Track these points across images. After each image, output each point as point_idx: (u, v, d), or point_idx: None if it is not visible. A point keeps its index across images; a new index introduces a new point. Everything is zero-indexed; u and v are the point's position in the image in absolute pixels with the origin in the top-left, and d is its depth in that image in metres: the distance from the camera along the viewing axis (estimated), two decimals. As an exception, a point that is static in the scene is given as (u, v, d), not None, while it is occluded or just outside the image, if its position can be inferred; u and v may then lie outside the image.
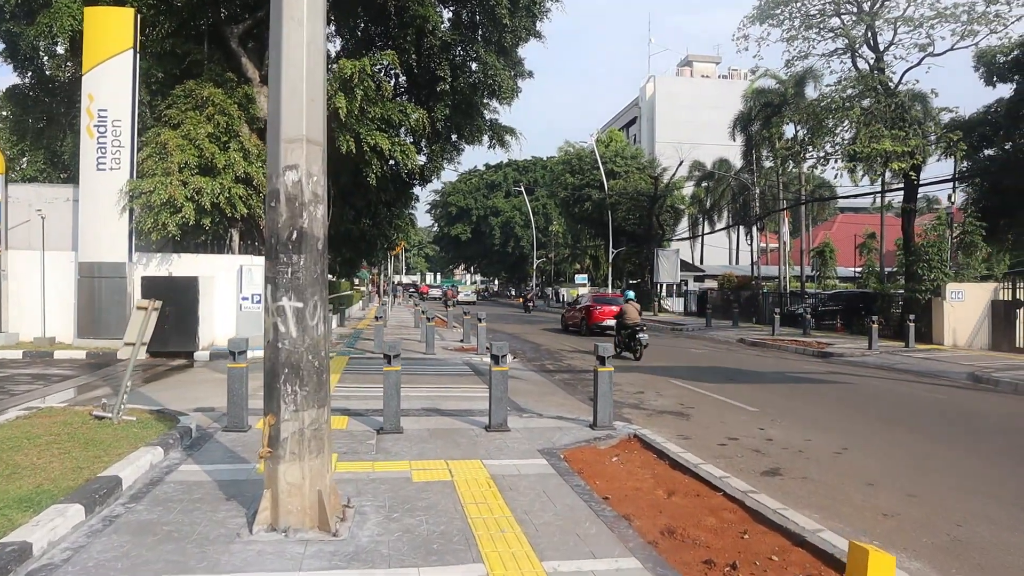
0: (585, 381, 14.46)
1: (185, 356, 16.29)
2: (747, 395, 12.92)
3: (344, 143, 17.88)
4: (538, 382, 14.02)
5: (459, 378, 13.60)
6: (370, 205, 24.90)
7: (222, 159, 16.91)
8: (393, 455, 7.35)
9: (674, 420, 10.52)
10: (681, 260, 49.50)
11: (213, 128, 17.33)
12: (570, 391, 13.06)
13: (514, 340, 24.59)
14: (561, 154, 57.12)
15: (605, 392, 8.84)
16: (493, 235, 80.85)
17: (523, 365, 17.02)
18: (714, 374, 16.18)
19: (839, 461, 8.16)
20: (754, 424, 10.22)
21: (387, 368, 8.35)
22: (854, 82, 24.53)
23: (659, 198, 47.82)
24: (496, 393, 8.59)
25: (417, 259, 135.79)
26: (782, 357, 20.77)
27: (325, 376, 5.25)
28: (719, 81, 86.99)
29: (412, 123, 18.81)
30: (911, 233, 25.70)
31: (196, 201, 16.61)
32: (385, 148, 18.15)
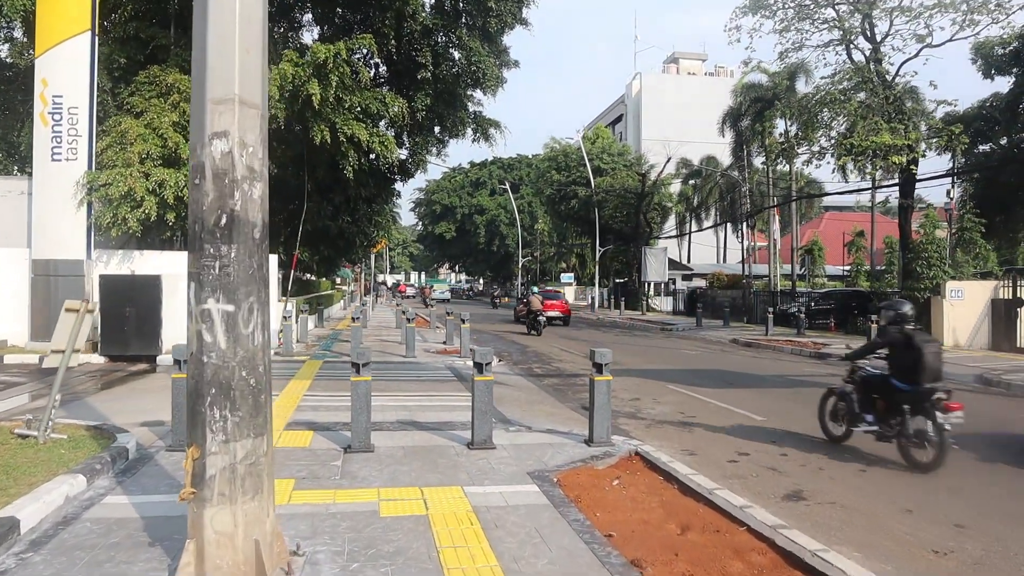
0: (576, 387, 13.51)
1: (147, 360, 15.18)
2: (750, 401, 12.01)
3: (319, 133, 16.83)
4: (525, 388, 13.04)
5: (440, 384, 12.60)
6: (349, 200, 23.81)
7: (187, 150, 15.78)
8: (360, 480, 6.34)
9: (676, 432, 9.57)
10: (669, 259, 48.73)
11: (178, 116, 16.22)
12: (560, 398, 12.09)
13: (499, 341, 23.60)
14: (547, 151, 56.18)
15: (603, 404, 7.88)
16: (478, 234, 79.79)
17: (509, 369, 16.04)
18: (711, 378, 15.27)
19: (865, 481, 7.24)
20: (764, 437, 9.29)
21: (356, 378, 7.33)
22: (850, 74, 23.74)
23: (647, 195, 47.01)
24: (480, 406, 7.60)
25: (401, 258, 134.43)
26: (778, 358, 19.91)
27: (265, 397, 4.22)
28: (706, 79, 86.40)
29: (392, 113, 17.78)
30: (908, 230, 24.95)
31: (158, 194, 15.50)
32: (363, 139, 17.12)
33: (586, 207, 49.92)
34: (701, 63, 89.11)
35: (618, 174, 50.18)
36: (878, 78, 23.58)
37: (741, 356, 20.58)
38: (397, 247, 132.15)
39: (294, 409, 9.74)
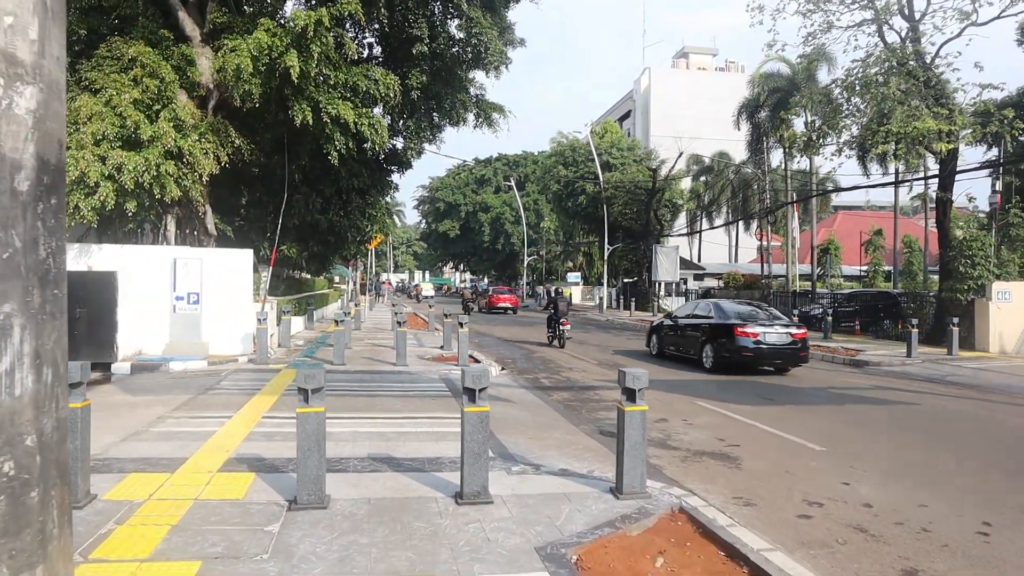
0: (591, 403, 11.58)
1: (101, 369, 13.30)
2: (797, 422, 10.08)
3: (299, 112, 14.93)
4: (532, 405, 11.10)
5: (431, 401, 10.67)
6: (340, 192, 21.92)
7: (148, 130, 13.92)
8: (295, 566, 4.42)
9: (721, 468, 7.63)
10: (680, 258, 46.78)
11: (140, 93, 14.34)
12: (574, 419, 10.16)
13: (503, 346, 21.69)
14: (554, 145, 54.17)
15: (635, 442, 5.95)
16: (482, 231, 77.91)
17: (513, 379, 14.12)
18: (744, 391, 13.33)
19: (996, 552, 5.30)
20: (833, 475, 7.36)
21: (303, 409, 5.42)
22: (886, 55, 21.71)
23: (658, 191, 45.01)
24: (472, 446, 5.69)
25: (405, 257, 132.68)
26: (812, 367, 17.92)
27: (39, 495, 2.27)
28: (716, 74, 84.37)
29: (381, 91, 15.86)
30: (948, 225, 22.93)
31: (116, 180, 13.64)
32: (349, 119, 15.22)
33: (594, 204, 47.95)
34: (711, 58, 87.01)
35: (628, 169, 48.19)
36: (916, 60, 21.56)
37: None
38: (401, 246, 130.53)
39: (244, 437, 7.83)
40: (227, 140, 15.29)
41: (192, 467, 6.41)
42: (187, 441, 7.46)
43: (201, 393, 10.66)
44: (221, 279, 14.98)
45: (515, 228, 75.35)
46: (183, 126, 14.53)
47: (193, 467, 6.41)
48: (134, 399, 10.22)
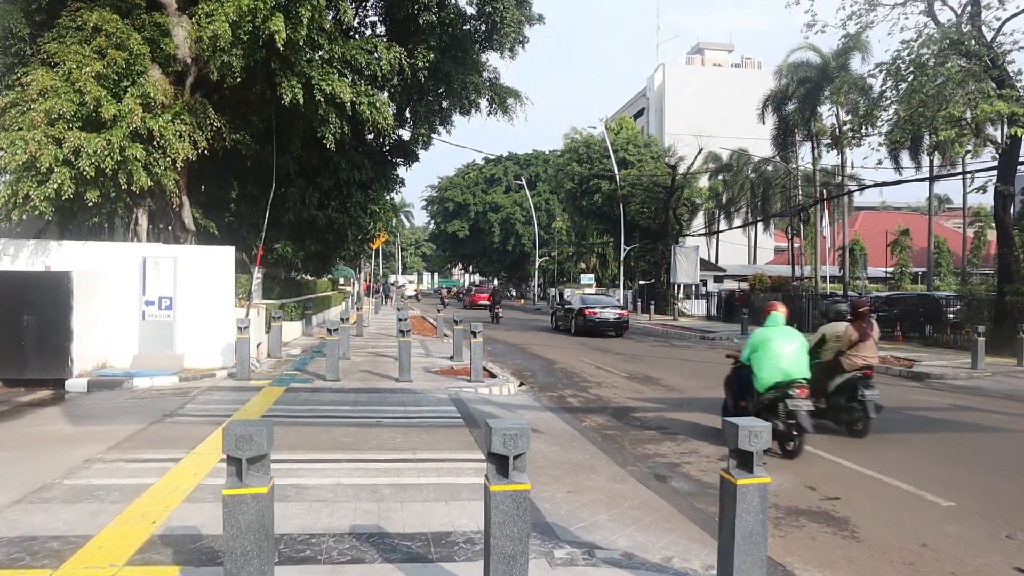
0: (632, 430, 9.56)
1: (53, 385, 11.35)
2: (895, 460, 8.11)
3: (288, 90, 12.97)
4: (562, 436, 9.06)
5: (439, 432, 8.62)
6: (340, 186, 19.94)
7: (111, 108, 11.97)
8: None
9: (832, 539, 5.59)
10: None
11: (105, 67, 12.39)
12: (617, 456, 8.11)
13: (517, 354, 19.65)
14: (567, 141, 52.06)
15: (752, 532, 3.87)
16: (492, 232, 75.89)
17: (534, 398, 12.08)
18: None
19: None
20: (991, 550, 5.31)
21: (234, 491, 3.40)
22: (941, 34, 19.58)
23: (677, 189, 42.88)
24: (503, 544, 3.63)
25: (414, 258, 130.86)
26: (876, 381, 15.82)
27: None
28: (733, 70, 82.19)
29: (384, 67, 13.89)
30: (1008, 222, 20.76)
31: (74, 165, 11.70)
32: (346, 98, 13.24)
33: (610, 202, 45.88)
34: (727, 54, 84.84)
35: (645, 166, 46.08)
36: (976, 38, 19.43)
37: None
38: (409, 247, 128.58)
39: (186, 495, 5.82)
40: (206, 122, 13.34)
41: (89, 556, 4.41)
42: (105, 503, 5.47)
43: (157, 421, 8.67)
44: (198, 281, 13.02)
45: (526, 228, 73.34)
46: (153, 105, 12.57)
47: (90, 556, 4.41)
48: (72, 429, 8.25)
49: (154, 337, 12.75)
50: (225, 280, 13.24)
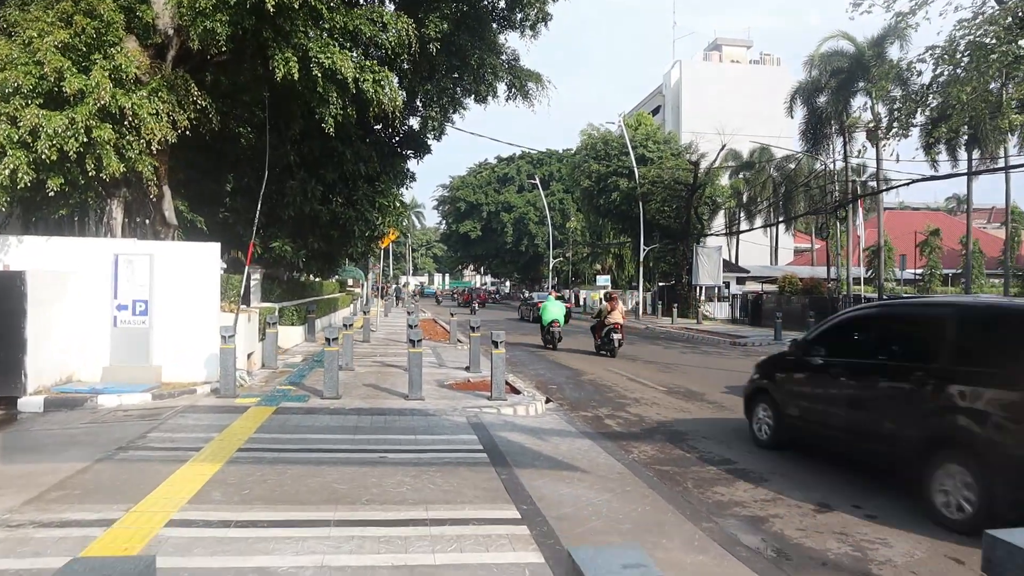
0: (692, 466, 7.76)
1: (4, 404, 9.68)
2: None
3: (281, 63, 11.26)
4: (610, 476, 7.28)
5: (457, 474, 6.84)
6: (345, 179, 18.25)
7: (76, 81, 10.30)
8: None
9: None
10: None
11: (72, 37, 10.74)
12: (685, 508, 6.33)
13: (536, 361, 17.88)
14: (584, 138, 50.17)
15: None
16: (505, 232, 74.17)
17: (567, 421, 10.31)
18: None
19: None
20: None
21: None
22: (1010, 9, 17.67)
23: (699, 187, 40.98)
24: None
25: (425, 259, 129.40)
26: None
27: None
28: (751, 67, 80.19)
29: (391, 39, 12.18)
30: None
31: (31, 148, 10.05)
32: (347, 74, 11.52)
33: (628, 201, 44.02)
34: (746, 50, 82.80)
35: (665, 163, 44.19)
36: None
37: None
38: (420, 248, 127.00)
39: None
40: (188, 100, 11.65)
41: None
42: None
43: (106, 456, 6.97)
44: (179, 282, 11.34)
45: (539, 229, 71.60)
46: (126, 80, 10.89)
47: None
48: (33, 471, 6.53)
49: (127, 347, 11.08)
50: (210, 281, 11.55)
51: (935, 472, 6.17)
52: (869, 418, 7.14)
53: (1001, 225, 63.74)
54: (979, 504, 5.71)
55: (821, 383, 8.02)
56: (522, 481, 6.57)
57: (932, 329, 6.88)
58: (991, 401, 5.91)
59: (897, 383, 6.91)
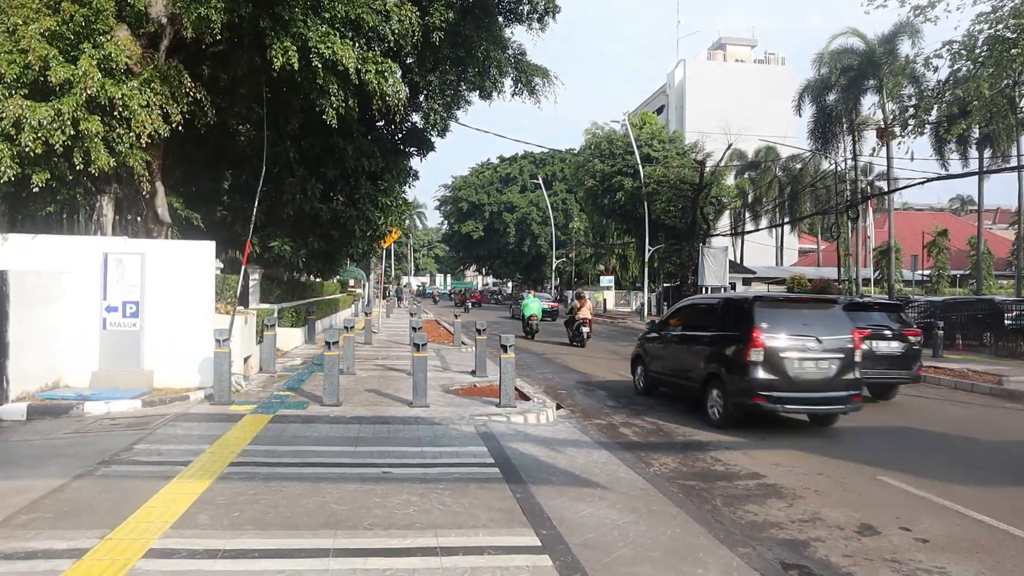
0: (720, 480, 7.23)
1: (-16, 412, 9.13)
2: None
3: (279, 52, 10.72)
4: (631, 491, 6.72)
5: (468, 492, 6.28)
6: (347, 176, 17.70)
7: (62, 71, 9.76)
8: None
9: None
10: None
11: (59, 24, 10.20)
12: (718, 530, 5.76)
13: (542, 365, 17.33)
14: (588, 137, 49.59)
15: None
16: (508, 233, 73.58)
17: (580, 428, 9.76)
18: (925, 448, 9.09)
19: None
20: None
21: None
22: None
23: (705, 187, 40.38)
24: None
25: (426, 260, 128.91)
26: (966, 402, 13.47)
27: None
28: (755, 66, 79.64)
29: (395, 28, 11.62)
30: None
31: (14, 141, 9.51)
32: (349, 64, 10.99)
33: (633, 201, 43.43)
34: (750, 49, 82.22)
35: (670, 163, 43.63)
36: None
37: (900, 394, 14.16)
38: (422, 248, 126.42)
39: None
40: (181, 92, 11.10)
41: None
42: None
43: (86, 472, 6.41)
44: (171, 282, 10.79)
45: (542, 229, 71.05)
46: (116, 70, 10.34)
47: None
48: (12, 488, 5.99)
49: (117, 350, 10.54)
50: (204, 281, 11.00)
51: (709, 394, 10.59)
52: (684, 367, 11.65)
53: (1010, 226, 63.17)
54: (724, 411, 10.21)
55: (665, 348, 12.55)
56: (539, 500, 6.01)
57: (712, 312, 11.51)
58: (730, 351, 10.32)
59: (696, 345, 11.39)
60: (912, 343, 13.37)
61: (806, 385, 9.84)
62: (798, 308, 10.87)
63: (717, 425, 10.20)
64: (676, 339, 12.03)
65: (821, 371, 9.91)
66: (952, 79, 19.49)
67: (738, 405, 10.00)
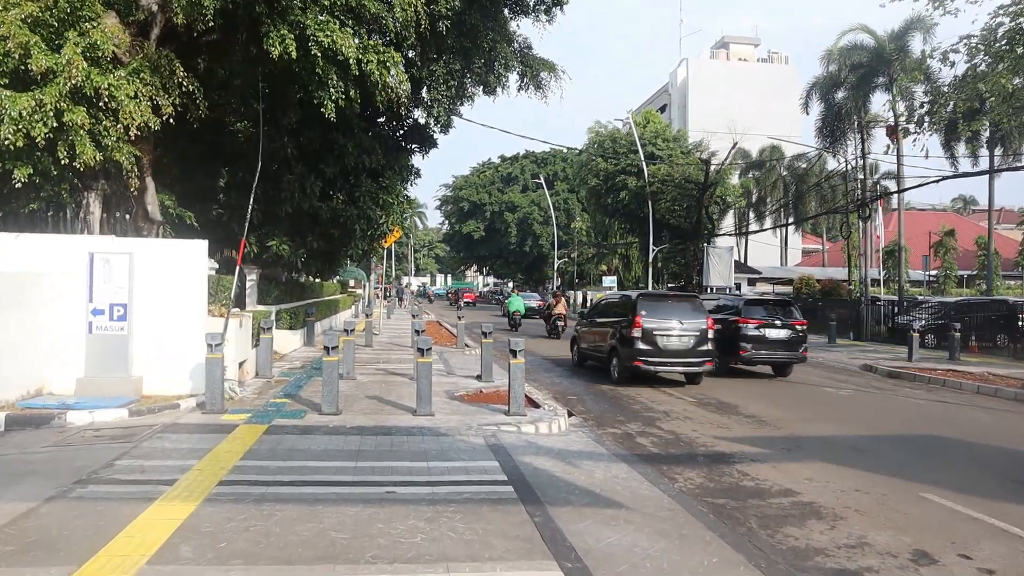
0: (751, 497, 6.64)
1: (-41, 423, 8.55)
2: None
3: (275, 41, 10.15)
4: (658, 511, 6.15)
5: (481, 515, 5.69)
6: (346, 173, 17.11)
7: (44, 59, 9.19)
8: None
9: None
10: (733, 260, 41.54)
11: (42, 10, 9.63)
12: (757, 557, 5.18)
13: (546, 369, 16.75)
14: (592, 135, 48.98)
15: None
16: (509, 233, 72.90)
17: (595, 439, 9.18)
18: (962, 460, 8.57)
19: None
20: None
21: None
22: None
23: (710, 186, 39.75)
24: None
25: (427, 260, 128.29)
26: (992, 407, 12.89)
27: None
28: (759, 65, 79.14)
29: (398, 15, 11.05)
30: None
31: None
32: (349, 54, 10.42)
33: (637, 200, 42.82)
34: (753, 48, 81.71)
35: (675, 162, 43.03)
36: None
37: (918, 400, 13.60)
38: (423, 248, 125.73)
39: None
40: (173, 82, 10.52)
41: None
42: None
43: (60, 493, 5.83)
44: (161, 283, 10.22)
45: (543, 229, 70.38)
46: (103, 58, 9.77)
47: None
48: None
49: (104, 356, 9.96)
50: (196, 282, 10.42)
51: (611, 361, 14.78)
52: (599, 344, 15.83)
53: (1017, 226, 62.64)
54: (619, 372, 14.29)
55: (589, 331, 16.78)
56: (560, 525, 5.43)
57: (615, 304, 16.03)
58: (622, 330, 14.24)
59: (605, 328, 15.43)
60: (798, 331, 16.66)
61: (672, 353, 14.07)
62: (668, 301, 15.43)
63: (615, 383, 14.42)
64: (595, 324, 16.38)
65: (683, 344, 14.12)
66: (972, 74, 18.93)
67: (626, 367, 14.09)
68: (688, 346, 14.00)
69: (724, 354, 15.80)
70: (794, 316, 16.93)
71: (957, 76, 20.36)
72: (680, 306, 14.68)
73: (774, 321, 16.36)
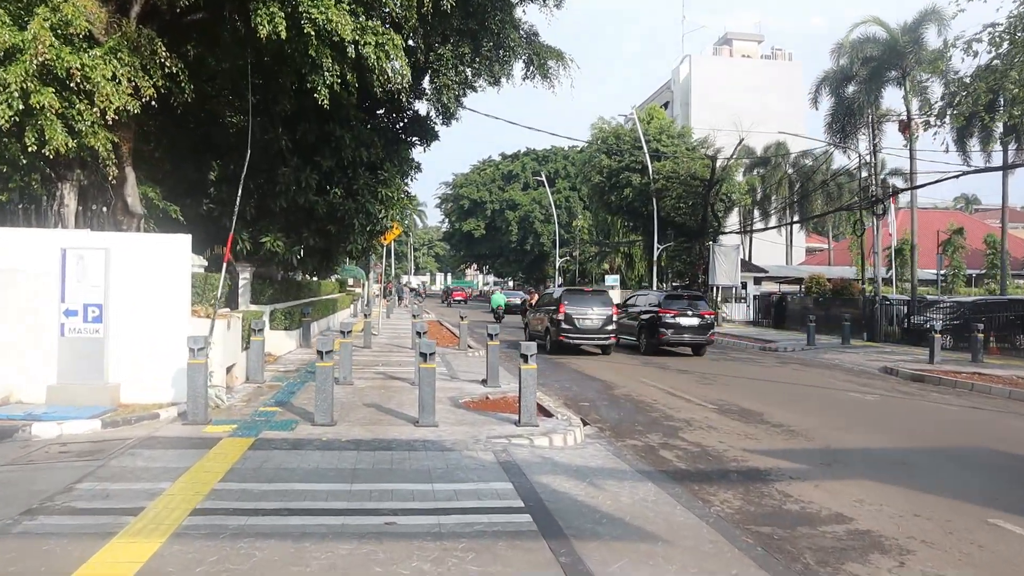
0: (802, 526, 5.76)
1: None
2: None
3: (264, 18, 9.33)
4: (698, 543, 5.31)
5: (496, 554, 4.85)
6: (343, 166, 16.27)
7: (8, 35, 8.36)
8: None
9: None
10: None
11: (12, -19, 8.81)
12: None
13: (555, 371, 15.93)
14: (595, 131, 48.13)
15: None
16: (510, 231, 72.07)
17: (614, 453, 8.34)
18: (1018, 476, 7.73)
19: None
20: None
21: None
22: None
23: (717, 183, 38.90)
24: None
25: (427, 259, 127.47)
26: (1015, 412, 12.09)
27: None
28: (762, 62, 78.20)
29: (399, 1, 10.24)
30: None
31: (-49, 117, 8.12)
32: (345, 34, 9.61)
33: (641, 197, 41.97)
34: (757, 45, 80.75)
35: (680, 158, 42.17)
36: None
37: (950, 406, 12.75)
38: (422, 247, 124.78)
39: None
40: (154, 63, 9.70)
41: None
42: None
43: (5, 528, 5.00)
44: (140, 282, 9.40)
45: (545, 227, 69.55)
46: (75, 35, 8.93)
47: None
48: None
49: (77, 361, 9.13)
50: (179, 280, 9.59)
51: (547, 337, 20.40)
52: (543, 326, 20.90)
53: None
54: (550, 344, 20.21)
55: (534, 317, 22.66)
56: (590, 567, 4.61)
57: (551, 296, 22.04)
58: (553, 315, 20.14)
59: (544, 314, 21.24)
60: (706, 319, 20.94)
61: (586, 331, 19.60)
62: (585, 295, 20.80)
63: (548, 352, 19.66)
64: (537, 312, 22.34)
65: (594, 324, 19.56)
66: (997, 64, 18.10)
67: (555, 341, 19.69)
68: (597, 326, 19.53)
69: (650, 337, 20.76)
70: (704, 308, 21.48)
71: (980, 66, 19.55)
72: (594, 298, 20.35)
73: (687, 311, 20.62)
